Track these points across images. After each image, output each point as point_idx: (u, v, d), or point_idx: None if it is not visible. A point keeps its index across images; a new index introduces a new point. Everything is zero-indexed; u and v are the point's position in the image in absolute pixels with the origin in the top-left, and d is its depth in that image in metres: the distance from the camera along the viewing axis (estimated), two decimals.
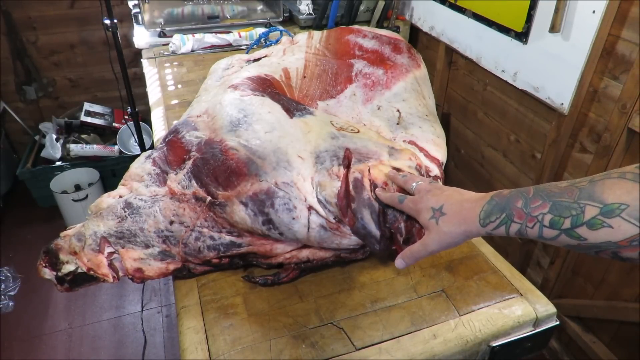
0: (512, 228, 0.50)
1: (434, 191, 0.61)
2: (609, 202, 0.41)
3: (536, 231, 0.47)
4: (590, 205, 0.42)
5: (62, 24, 2.48)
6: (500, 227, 0.51)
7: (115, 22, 1.57)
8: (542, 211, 0.46)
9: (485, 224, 0.52)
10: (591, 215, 0.42)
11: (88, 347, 1.83)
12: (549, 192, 0.47)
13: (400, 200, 0.65)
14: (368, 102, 0.99)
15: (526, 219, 0.48)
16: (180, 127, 0.88)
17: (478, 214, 0.53)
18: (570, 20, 1.30)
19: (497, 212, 0.51)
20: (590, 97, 1.34)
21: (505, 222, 0.50)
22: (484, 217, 0.52)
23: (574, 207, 0.43)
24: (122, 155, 2.49)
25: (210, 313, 0.74)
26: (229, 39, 1.80)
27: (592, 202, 0.42)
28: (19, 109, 2.62)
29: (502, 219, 0.50)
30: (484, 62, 1.70)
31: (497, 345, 0.73)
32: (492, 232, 0.52)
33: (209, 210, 0.76)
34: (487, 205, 0.52)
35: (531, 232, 0.48)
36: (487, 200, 0.53)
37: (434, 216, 0.57)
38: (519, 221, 0.49)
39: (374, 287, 0.79)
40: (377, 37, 1.11)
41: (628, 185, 0.40)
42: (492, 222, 0.51)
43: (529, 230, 0.48)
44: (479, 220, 0.52)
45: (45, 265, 0.76)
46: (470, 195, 0.57)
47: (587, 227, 0.42)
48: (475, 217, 0.53)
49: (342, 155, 0.77)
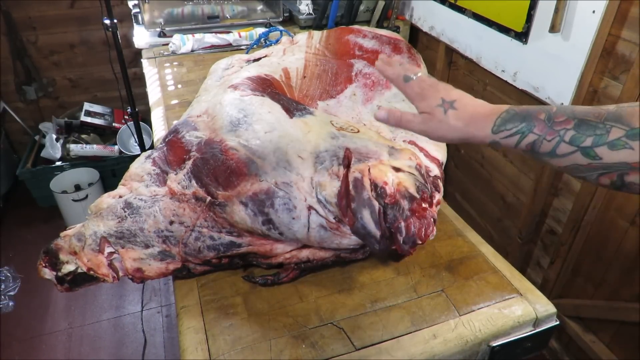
0: (528, 139, 0.50)
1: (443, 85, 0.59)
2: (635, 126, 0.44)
3: (552, 145, 0.48)
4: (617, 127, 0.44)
5: (62, 24, 2.48)
6: (513, 137, 0.51)
7: (115, 22, 1.57)
8: (565, 127, 0.47)
9: (499, 131, 0.52)
10: (616, 137, 0.44)
11: (88, 347, 1.83)
12: (573, 111, 0.48)
13: (406, 79, 0.61)
14: (368, 102, 0.99)
15: (546, 132, 0.48)
16: (180, 127, 0.88)
17: (493, 120, 0.53)
18: (570, 20, 1.29)
19: (515, 121, 0.51)
20: (590, 97, 1.34)
21: (523, 131, 0.50)
22: (500, 123, 0.52)
23: (600, 127, 0.45)
24: (122, 155, 2.49)
25: (210, 313, 0.74)
26: (229, 39, 1.80)
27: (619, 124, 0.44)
28: (19, 109, 2.62)
29: (520, 128, 0.50)
30: (484, 62, 1.70)
31: (497, 345, 0.73)
32: (500, 140, 0.52)
33: (208, 210, 0.76)
34: (505, 114, 0.53)
35: (546, 146, 0.49)
36: (505, 109, 0.53)
37: (443, 106, 0.56)
38: (539, 133, 0.49)
39: (374, 287, 0.79)
40: (377, 37, 1.12)
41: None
42: (507, 129, 0.51)
43: (545, 143, 0.49)
44: (493, 127, 0.53)
45: (45, 265, 0.76)
46: (483, 102, 0.57)
47: (608, 147, 0.45)
48: (488, 123, 0.53)
49: (342, 155, 0.77)
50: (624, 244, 1.34)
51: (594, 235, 1.43)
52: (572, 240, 1.48)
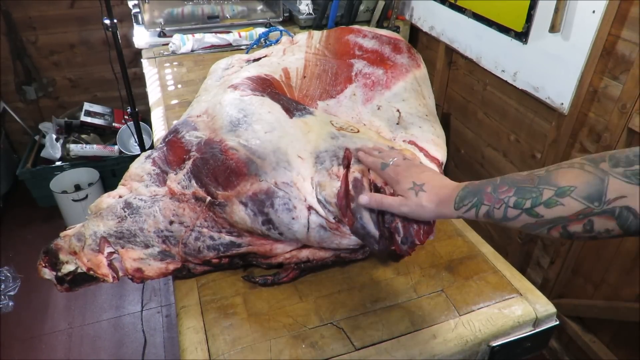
0: (482, 210, 0.58)
1: (415, 168, 0.69)
2: (561, 185, 0.51)
3: (502, 211, 0.56)
4: (547, 189, 0.52)
5: (62, 24, 2.48)
6: (471, 210, 0.59)
7: (115, 22, 1.57)
8: (508, 195, 0.55)
9: (459, 207, 0.60)
10: (548, 196, 0.51)
11: (88, 347, 1.83)
12: (513, 180, 0.56)
13: (383, 167, 0.71)
14: (368, 102, 0.99)
15: (494, 201, 0.56)
16: (180, 127, 0.88)
17: (454, 199, 0.61)
18: (570, 20, 1.29)
19: (469, 197, 0.59)
20: (590, 97, 1.34)
21: (476, 204, 0.58)
22: (459, 201, 0.60)
23: (534, 190, 0.53)
24: (122, 155, 2.49)
25: (210, 313, 0.74)
26: (229, 39, 1.80)
27: (549, 186, 0.52)
28: (19, 109, 2.62)
29: (474, 202, 0.59)
30: (484, 62, 1.70)
31: (497, 345, 0.73)
32: (463, 214, 0.60)
33: (208, 210, 0.76)
34: (461, 192, 0.61)
35: (497, 213, 0.56)
36: (462, 187, 0.62)
37: (414, 189, 0.65)
38: (488, 203, 0.57)
39: (373, 287, 0.79)
40: (377, 37, 1.11)
41: (575, 172, 0.51)
42: (464, 205, 0.60)
43: (495, 211, 0.56)
44: (454, 204, 0.61)
45: (45, 265, 0.76)
46: (448, 181, 0.66)
47: (544, 206, 0.52)
48: (451, 201, 0.61)
49: (341, 155, 0.77)
50: (624, 244, 1.34)
51: None
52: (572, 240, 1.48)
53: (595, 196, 0.48)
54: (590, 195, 0.48)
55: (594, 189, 0.48)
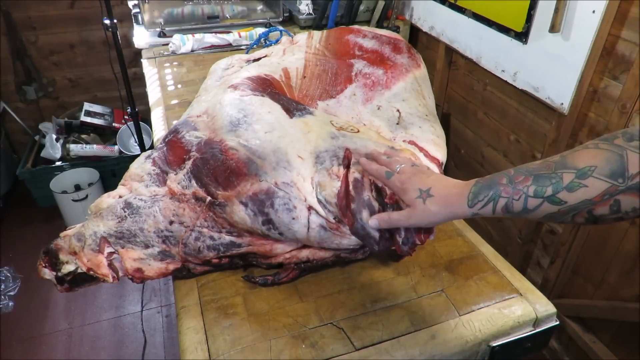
0: (500, 203, 0.55)
1: (420, 174, 0.65)
2: (580, 167, 0.48)
3: (521, 203, 0.53)
4: (567, 172, 0.49)
5: (62, 24, 2.48)
6: (487, 205, 0.56)
7: (115, 22, 1.57)
8: (526, 184, 0.52)
9: (474, 204, 0.57)
10: (569, 180, 0.49)
11: (88, 347, 1.83)
12: (528, 169, 0.53)
13: (388, 176, 0.67)
14: (368, 102, 0.99)
15: (512, 192, 0.53)
16: (180, 127, 0.88)
17: (466, 196, 0.58)
18: (570, 20, 1.29)
19: (484, 191, 0.56)
20: (590, 97, 1.34)
21: (493, 198, 0.55)
22: (472, 197, 0.57)
23: (553, 176, 0.50)
24: (122, 155, 2.49)
25: (210, 313, 0.74)
26: (229, 39, 1.80)
27: (567, 169, 0.50)
28: (19, 109, 2.62)
29: (490, 196, 0.55)
30: (484, 62, 1.70)
31: (497, 345, 0.73)
32: (479, 211, 0.57)
33: (208, 210, 0.76)
34: (474, 188, 0.58)
35: (516, 205, 0.53)
36: (473, 183, 0.58)
37: (421, 196, 0.62)
38: (506, 196, 0.54)
39: (373, 287, 0.79)
40: (377, 37, 1.11)
41: (592, 152, 0.49)
42: (480, 201, 0.56)
43: (514, 203, 0.53)
44: (467, 202, 0.57)
45: (45, 265, 0.76)
46: (456, 181, 0.62)
47: (567, 191, 0.49)
48: (463, 199, 0.58)
49: (342, 155, 0.77)
50: (624, 244, 1.34)
51: (594, 235, 1.43)
52: (572, 240, 1.48)
53: (619, 172, 0.46)
54: (613, 172, 0.46)
55: (615, 165, 0.46)
